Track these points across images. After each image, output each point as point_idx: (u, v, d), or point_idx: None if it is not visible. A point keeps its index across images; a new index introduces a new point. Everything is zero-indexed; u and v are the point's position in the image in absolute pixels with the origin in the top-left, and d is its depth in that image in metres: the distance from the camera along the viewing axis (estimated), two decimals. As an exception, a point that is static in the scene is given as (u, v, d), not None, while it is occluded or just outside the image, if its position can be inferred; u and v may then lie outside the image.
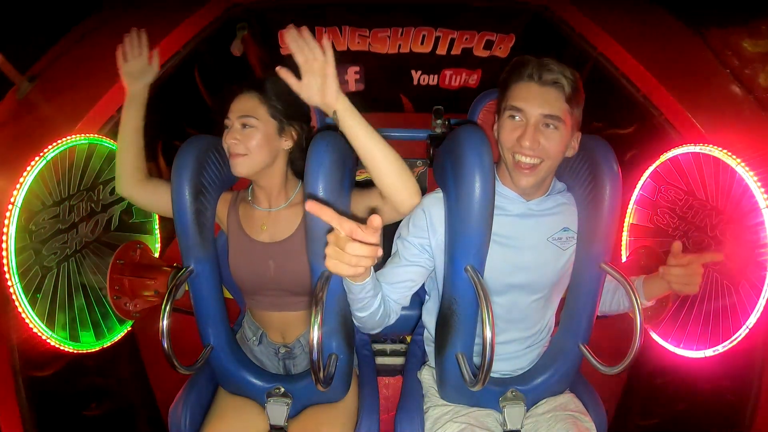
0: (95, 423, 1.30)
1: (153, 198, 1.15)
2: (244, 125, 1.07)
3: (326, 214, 0.73)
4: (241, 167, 1.08)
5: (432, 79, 2.13)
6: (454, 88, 2.17)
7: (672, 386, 1.33)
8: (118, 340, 1.34)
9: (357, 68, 2.08)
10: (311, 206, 0.73)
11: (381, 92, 2.18)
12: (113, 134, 1.20)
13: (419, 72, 2.12)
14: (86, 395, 1.28)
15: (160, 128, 1.41)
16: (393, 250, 1.12)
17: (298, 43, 0.82)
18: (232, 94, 1.11)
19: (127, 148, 1.13)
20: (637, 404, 1.47)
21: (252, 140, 1.07)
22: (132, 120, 1.12)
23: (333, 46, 0.83)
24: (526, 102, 0.97)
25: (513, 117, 0.99)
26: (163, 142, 1.51)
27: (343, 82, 2.13)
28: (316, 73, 0.83)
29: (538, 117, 0.97)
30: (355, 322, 1.08)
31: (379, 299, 0.99)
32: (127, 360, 1.45)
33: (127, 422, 1.44)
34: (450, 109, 2.07)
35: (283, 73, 0.85)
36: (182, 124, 1.66)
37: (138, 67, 1.11)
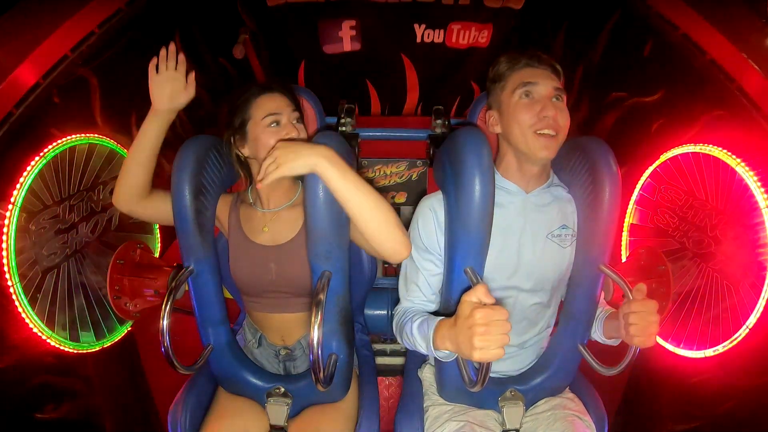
0: (89, 424, 1.30)
1: (153, 212, 1.13)
2: (297, 119, 1.08)
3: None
4: None
5: (438, 36, 1.94)
6: (462, 48, 1.99)
7: (672, 386, 1.33)
8: (118, 341, 1.35)
9: (353, 23, 1.85)
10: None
11: (380, 52, 1.97)
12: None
13: (423, 26, 1.91)
14: (79, 395, 1.27)
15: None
16: (407, 262, 1.12)
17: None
18: (252, 94, 1.09)
19: (137, 165, 1.06)
20: (637, 404, 1.47)
21: (303, 133, 1.08)
22: (150, 137, 1.05)
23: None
24: (537, 78, 1.02)
25: (527, 95, 1.02)
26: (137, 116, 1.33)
27: (336, 40, 1.92)
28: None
29: (550, 90, 1.01)
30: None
31: None
32: (124, 361, 1.43)
33: (124, 423, 1.44)
34: (457, 72, 1.89)
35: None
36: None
37: (171, 85, 1.02)
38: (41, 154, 1.07)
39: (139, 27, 1.26)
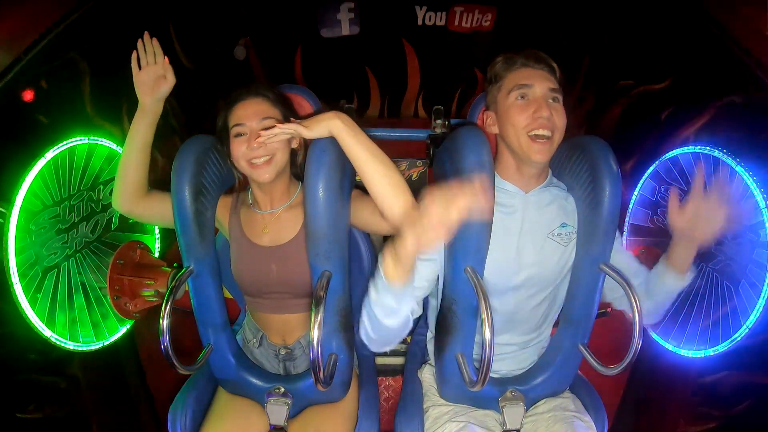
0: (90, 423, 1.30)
1: (152, 213, 1.13)
2: (265, 128, 1.04)
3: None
4: (270, 173, 1.06)
5: (440, 18, 1.92)
6: (465, 31, 1.95)
7: (682, 386, 1.32)
8: (117, 340, 1.35)
9: (351, 4, 1.82)
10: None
11: (379, 36, 1.94)
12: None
13: (424, 9, 1.90)
14: (80, 394, 1.27)
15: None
16: None
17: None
18: (230, 102, 1.09)
19: (131, 164, 1.07)
20: (643, 405, 1.47)
21: (273, 142, 1.05)
22: (142, 135, 1.06)
23: None
24: (532, 79, 1.01)
25: (522, 96, 1.01)
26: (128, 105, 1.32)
27: (334, 24, 1.90)
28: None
29: (545, 91, 1.00)
30: (369, 336, 1.00)
31: (412, 303, 0.97)
32: (126, 360, 1.43)
33: (126, 422, 1.44)
34: (460, 57, 1.88)
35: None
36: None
37: (153, 77, 1.04)
38: (41, 155, 1.07)
39: (131, 12, 1.24)
